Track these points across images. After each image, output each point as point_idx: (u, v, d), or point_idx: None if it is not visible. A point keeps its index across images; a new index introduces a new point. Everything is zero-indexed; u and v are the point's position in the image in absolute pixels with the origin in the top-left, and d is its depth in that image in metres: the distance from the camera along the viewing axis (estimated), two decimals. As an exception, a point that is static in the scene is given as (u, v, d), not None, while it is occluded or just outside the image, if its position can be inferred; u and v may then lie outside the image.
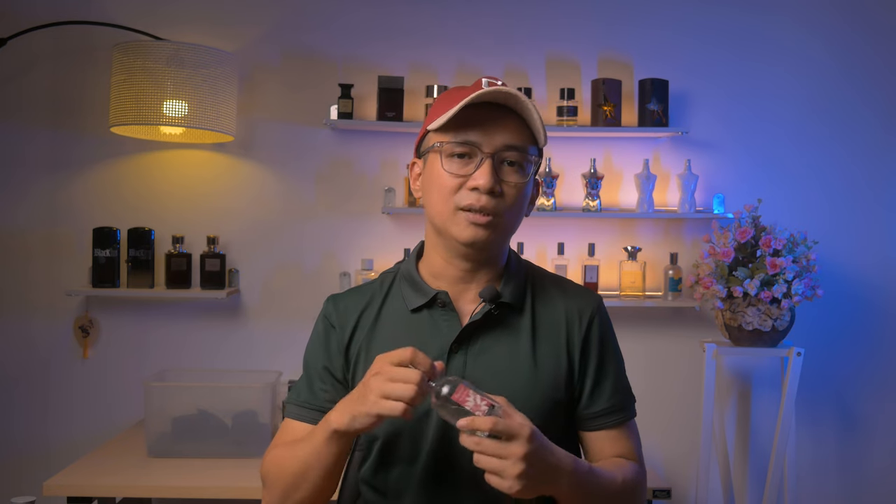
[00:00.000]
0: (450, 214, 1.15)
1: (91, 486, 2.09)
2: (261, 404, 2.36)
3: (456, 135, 1.13)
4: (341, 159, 2.75)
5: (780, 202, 2.77)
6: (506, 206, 1.14)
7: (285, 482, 1.15)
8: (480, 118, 1.13)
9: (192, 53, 2.39)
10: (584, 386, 1.21)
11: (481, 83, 1.16)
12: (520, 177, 1.15)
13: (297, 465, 1.13)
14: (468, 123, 1.13)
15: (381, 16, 2.74)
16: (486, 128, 1.13)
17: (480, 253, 1.18)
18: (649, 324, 2.81)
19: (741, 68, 2.79)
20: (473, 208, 1.13)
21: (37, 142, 2.69)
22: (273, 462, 1.19)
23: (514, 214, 1.17)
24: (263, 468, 1.22)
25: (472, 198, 1.13)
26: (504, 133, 1.14)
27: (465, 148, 1.13)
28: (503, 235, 1.18)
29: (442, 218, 1.16)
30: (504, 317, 1.20)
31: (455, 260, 1.19)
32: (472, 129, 1.13)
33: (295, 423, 1.24)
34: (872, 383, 2.84)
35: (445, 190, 1.14)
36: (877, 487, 2.86)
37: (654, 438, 2.77)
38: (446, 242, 1.18)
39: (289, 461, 1.15)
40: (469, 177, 1.13)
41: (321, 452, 1.09)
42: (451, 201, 1.14)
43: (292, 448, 1.16)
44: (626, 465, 1.19)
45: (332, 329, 1.25)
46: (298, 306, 2.72)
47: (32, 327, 2.69)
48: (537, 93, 2.75)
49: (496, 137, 1.13)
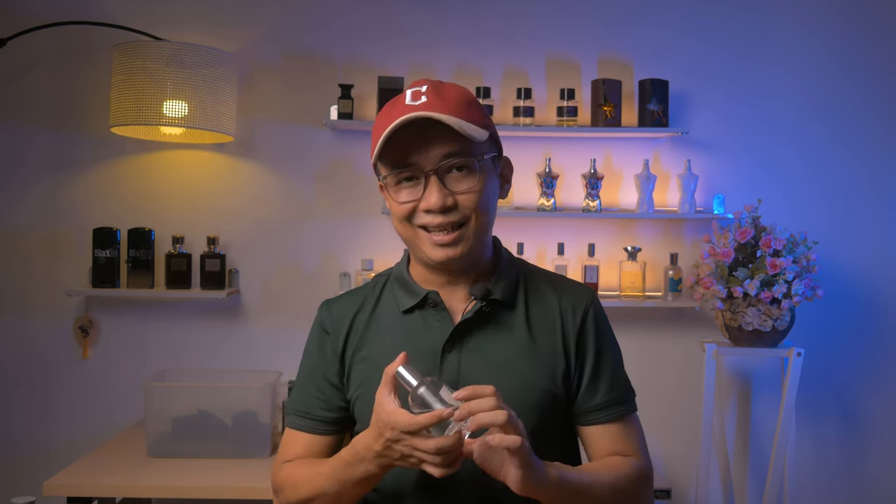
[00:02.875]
0: (414, 236, 1.15)
1: (91, 486, 2.09)
2: (261, 404, 2.36)
3: (394, 164, 1.13)
4: (341, 159, 2.75)
5: (780, 202, 2.77)
6: (466, 215, 1.13)
7: None
8: (412, 136, 1.09)
9: (192, 53, 2.39)
10: (581, 380, 1.20)
11: (405, 97, 1.13)
12: (471, 180, 1.13)
13: (315, 491, 1.15)
14: (402, 146, 1.11)
15: (381, 16, 2.74)
16: (420, 145, 1.11)
17: (458, 265, 1.17)
18: (649, 324, 2.81)
19: (741, 68, 2.79)
20: (430, 227, 1.13)
21: (37, 142, 2.69)
22: (288, 481, 1.20)
23: (481, 217, 1.15)
24: (276, 482, 1.24)
25: (427, 218, 1.12)
26: (440, 144, 1.10)
27: (407, 172, 1.12)
28: (475, 242, 1.16)
29: (409, 242, 1.18)
30: (496, 314, 1.19)
31: (437, 271, 1.20)
32: (408, 152, 1.11)
33: (296, 434, 1.25)
34: (872, 383, 2.84)
35: (402, 217, 1.15)
36: (877, 487, 2.85)
37: (654, 438, 2.76)
38: (423, 261, 1.19)
39: (304, 486, 1.16)
40: (420, 199, 1.12)
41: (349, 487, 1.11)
42: (411, 226, 1.15)
43: (312, 478, 1.16)
44: (621, 464, 1.17)
45: (326, 335, 1.25)
46: (298, 306, 2.72)
47: (32, 327, 2.69)
48: (537, 93, 2.75)
49: (432, 152, 1.11)
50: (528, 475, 0.99)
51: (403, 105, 1.11)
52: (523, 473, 0.98)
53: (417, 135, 1.10)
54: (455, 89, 1.16)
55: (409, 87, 1.15)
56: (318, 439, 1.23)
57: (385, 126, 1.09)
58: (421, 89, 1.13)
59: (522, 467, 0.98)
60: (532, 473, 0.99)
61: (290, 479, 1.19)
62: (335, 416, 1.23)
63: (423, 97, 1.11)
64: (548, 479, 1.03)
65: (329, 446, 1.24)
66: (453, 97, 1.13)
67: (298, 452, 1.24)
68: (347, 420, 1.25)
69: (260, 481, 2.09)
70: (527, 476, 0.99)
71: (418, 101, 1.11)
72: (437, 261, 1.15)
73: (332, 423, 1.24)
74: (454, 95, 1.14)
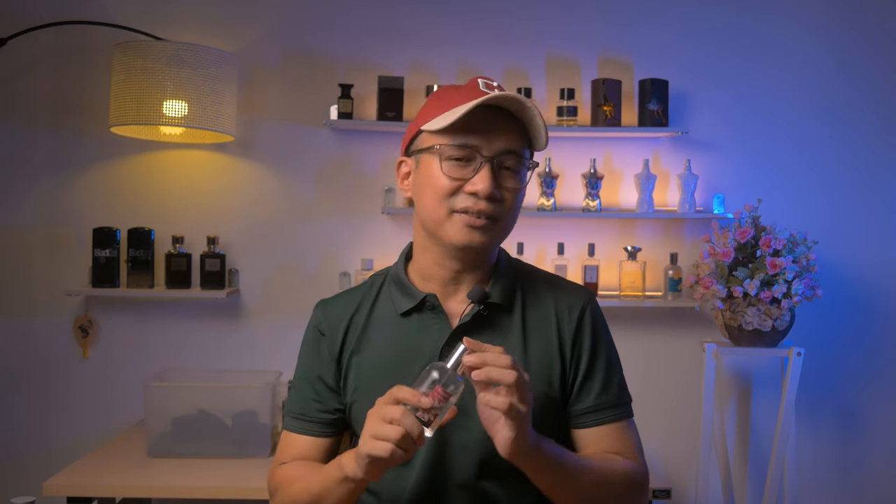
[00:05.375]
0: (444, 217, 1.13)
1: (91, 486, 2.09)
2: (261, 404, 2.36)
3: (455, 137, 1.11)
4: (341, 159, 2.75)
5: (780, 202, 2.77)
6: (503, 211, 1.14)
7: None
8: (480, 122, 1.11)
9: (192, 53, 2.39)
10: (574, 381, 1.19)
11: (477, 83, 1.15)
12: (516, 182, 1.15)
13: (307, 498, 1.12)
14: (468, 126, 1.11)
15: (381, 16, 2.74)
16: (486, 132, 1.12)
17: (473, 255, 1.17)
18: (649, 324, 2.81)
19: (741, 68, 2.79)
20: (470, 211, 1.12)
21: (37, 142, 2.69)
22: (282, 483, 1.19)
23: (511, 219, 1.17)
24: (272, 484, 1.23)
25: (469, 201, 1.12)
26: (504, 137, 1.12)
27: (464, 151, 1.12)
28: (498, 239, 1.17)
29: (436, 221, 1.15)
30: (493, 317, 1.19)
31: (446, 262, 1.18)
32: (471, 133, 1.11)
33: (293, 436, 1.24)
34: (872, 383, 2.84)
35: (441, 192, 1.13)
36: (877, 487, 2.86)
37: (654, 438, 2.77)
38: (438, 244, 1.17)
39: (299, 489, 1.15)
40: (467, 181, 1.12)
41: (332, 491, 1.08)
42: (445, 204, 1.13)
43: (303, 478, 1.15)
44: (615, 461, 1.15)
45: (321, 337, 1.25)
46: (298, 306, 2.71)
47: (32, 327, 2.69)
48: (537, 93, 2.75)
49: (496, 142, 1.12)
50: (517, 440, 0.97)
51: (479, 90, 1.13)
52: (513, 437, 0.97)
53: (485, 120, 1.11)
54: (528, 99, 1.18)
55: (476, 77, 1.16)
56: (315, 441, 1.23)
57: (458, 101, 1.11)
58: (492, 82, 1.15)
59: (514, 430, 0.97)
60: (521, 439, 0.98)
61: (284, 482, 1.19)
62: (332, 417, 1.23)
63: (496, 90, 1.14)
64: (536, 450, 1.01)
65: (326, 448, 1.23)
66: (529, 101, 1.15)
67: (295, 454, 1.23)
68: (344, 422, 1.24)
69: (260, 481, 2.09)
70: (515, 440, 0.97)
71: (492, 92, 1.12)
72: (461, 244, 1.14)
73: (328, 424, 1.23)
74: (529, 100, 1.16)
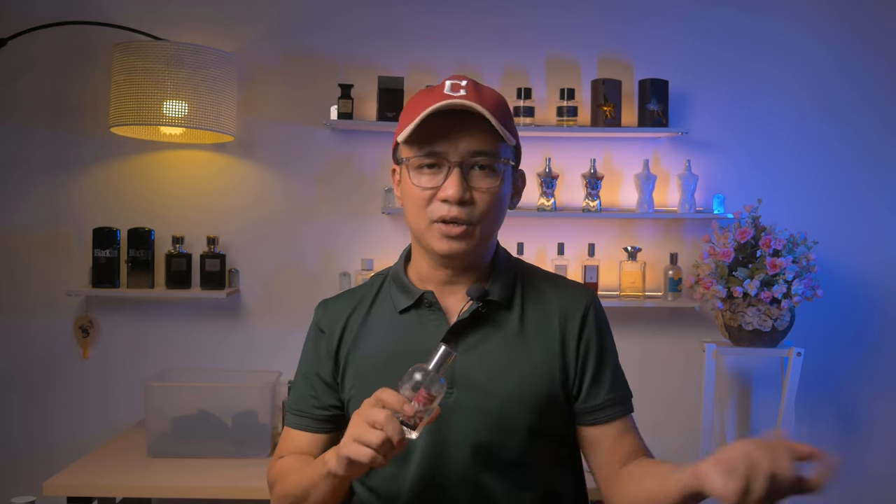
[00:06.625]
0: (426, 227, 1.15)
1: (91, 486, 2.09)
2: (261, 404, 2.36)
3: (421, 147, 1.13)
4: (341, 159, 2.75)
5: (780, 202, 2.77)
6: (478, 214, 1.14)
7: (289, 501, 1.17)
8: (445, 126, 1.11)
9: (192, 53, 2.39)
10: (583, 380, 1.20)
11: (444, 86, 1.14)
12: (491, 180, 1.14)
13: (298, 491, 1.14)
14: (432, 133, 1.11)
15: (381, 16, 2.74)
16: (450, 136, 1.12)
17: (461, 261, 1.18)
18: (649, 324, 2.81)
19: (741, 68, 2.79)
20: (445, 219, 1.12)
21: (37, 142, 2.69)
22: (279, 476, 1.21)
23: (491, 219, 1.16)
24: (270, 476, 1.25)
25: (443, 209, 1.12)
26: (470, 139, 1.12)
27: (431, 159, 1.13)
28: (481, 242, 1.17)
29: (418, 230, 1.17)
30: (492, 314, 1.19)
31: (439, 267, 1.20)
32: (437, 139, 1.12)
33: (293, 432, 1.27)
34: (872, 383, 2.84)
35: (418, 203, 1.14)
36: (876, 487, 2.85)
37: (654, 439, 2.75)
38: (427, 252, 1.19)
39: (292, 482, 1.16)
40: (439, 188, 1.12)
41: (318, 486, 1.10)
42: (424, 214, 1.14)
43: (297, 471, 1.17)
44: (657, 461, 1.17)
45: (321, 334, 1.26)
46: (298, 306, 2.72)
47: (32, 327, 2.69)
48: (537, 93, 2.75)
49: (461, 144, 1.12)
50: None
51: (443, 93, 1.13)
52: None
53: (450, 125, 1.11)
54: (494, 92, 1.18)
55: (447, 78, 1.16)
56: (312, 437, 1.25)
57: (423, 108, 1.10)
58: (461, 83, 1.14)
59: None
60: None
61: (280, 475, 1.21)
62: (328, 413, 1.25)
63: (463, 90, 1.13)
64: None
65: (323, 444, 1.25)
66: (492, 98, 1.15)
67: (293, 449, 1.25)
68: (342, 418, 1.25)
69: (260, 481, 2.08)
70: None
71: (458, 93, 1.12)
72: (442, 253, 1.15)
73: (325, 420, 1.25)
74: (493, 97, 1.15)
